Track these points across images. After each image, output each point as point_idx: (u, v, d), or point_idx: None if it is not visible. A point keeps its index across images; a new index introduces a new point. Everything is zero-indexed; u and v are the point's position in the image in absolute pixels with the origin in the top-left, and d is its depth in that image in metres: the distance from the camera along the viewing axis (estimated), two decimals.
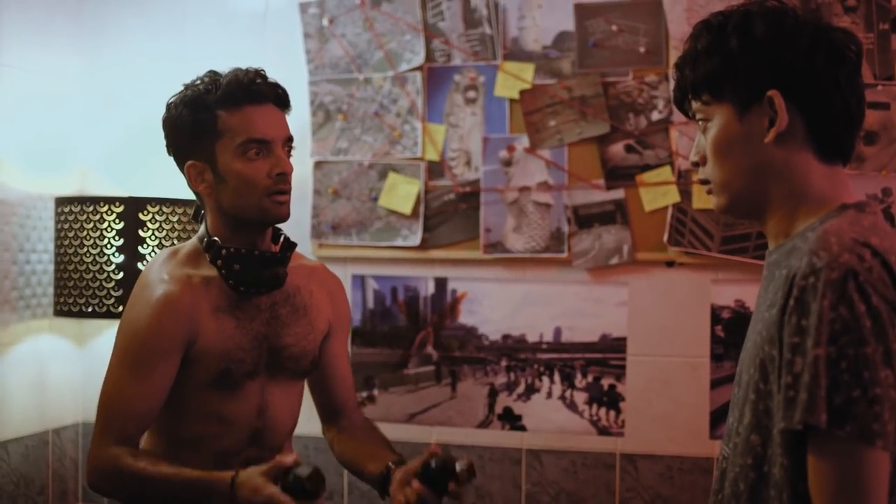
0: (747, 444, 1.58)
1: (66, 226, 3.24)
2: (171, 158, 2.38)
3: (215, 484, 2.09)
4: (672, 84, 1.74)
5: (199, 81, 2.31)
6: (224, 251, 2.25)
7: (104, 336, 3.61)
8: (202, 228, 2.34)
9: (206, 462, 2.22)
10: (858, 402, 1.41)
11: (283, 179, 2.23)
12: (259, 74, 2.28)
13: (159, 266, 2.32)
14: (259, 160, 2.22)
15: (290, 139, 2.29)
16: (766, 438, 1.55)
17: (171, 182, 3.48)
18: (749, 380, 1.59)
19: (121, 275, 3.19)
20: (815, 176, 1.62)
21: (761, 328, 1.57)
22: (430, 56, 3.35)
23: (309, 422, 2.64)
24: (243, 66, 2.33)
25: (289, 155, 2.28)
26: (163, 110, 2.36)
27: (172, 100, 2.32)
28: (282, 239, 2.37)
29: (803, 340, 1.45)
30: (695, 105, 1.69)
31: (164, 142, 3.65)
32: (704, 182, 1.72)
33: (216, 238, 2.27)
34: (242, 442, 2.32)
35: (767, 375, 1.53)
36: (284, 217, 2.27)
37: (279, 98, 2.30)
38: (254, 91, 2.25)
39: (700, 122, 1.69)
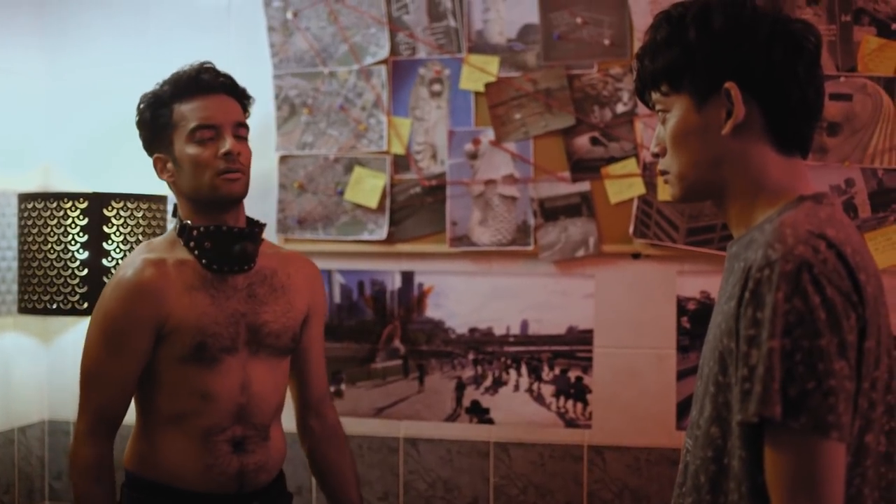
0: (708, 437, 1.58)
1: (30, 222, 3.21)
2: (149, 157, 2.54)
3: None
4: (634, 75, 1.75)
5: (160, 82, 2.51)
6: (195, 231, 2.41)
7: (69, 333, 3.59)
8: (176, 218, 2.49)
9: (193, 440, 2.39)
10: (813, 393, 1.41)
11: (231, 158, 2.37)
12: (204, 67, 2.46)
13: (136, 252, 2.48)
14: (209, 144, 2.39)
15: (239, 124, 2.44)
16: (725, 431, 1.55)
17: (135, 178, 3.48)
18: (709, 372, 1.59)
19: (85, 271, 3.17)
20: (773, 168, 1.62)
21: (720, 321, 1.56)
22: (394, 49, 3.34)
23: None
24: (207, 60, 2.50)
25: (239, 138, 2.43)
26: (127, 106, 2.53)
27: (140, 103, 2.51)
28: (250, 221, 2.53)
29: (758, 333, 1.45)
30: (654, 96, 1.70)
31: (127, 138, 3.65)
32: (664, 172, 1.72)
33: (188, 221, 2.43)
34: (228, 418, 2.41)
35: (726, 368, 1.53)
36: (237, 194, 2.41)
37: (227, 87, 2.46)
38: (201, 82, 2.43)
39: (660, 113, 1.70)
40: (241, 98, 2.50)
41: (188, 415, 2.39)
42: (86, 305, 3.17)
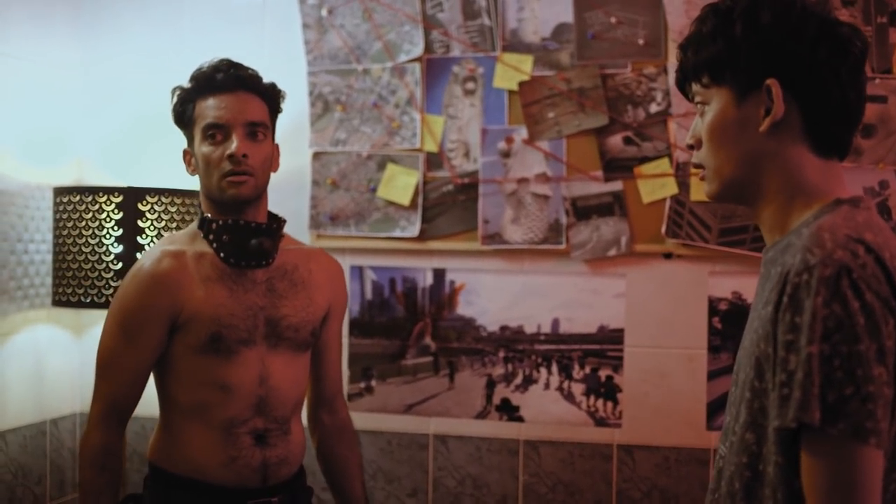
0: (743, 443, 1.57)
1: (65, 216, 3.24)
2: None
3: None
4: (672, 71, 1.73)
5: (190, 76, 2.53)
6: (214, 224, 2.44)
7: (102, 327, 3.60)
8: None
9: (215, 432, 2.41)
10: (852, 399, 1.39)
11: (234, 161, 2.38)
12: (222, 64, 2.47)
13: (156, 245, 2.52)
14: (219, 144, 2.41)
15: (254, 123, 2.43)
16: (760, 437, 1.54)
17: (167, 172, 3.51)
18: (745, 378, 1.57)
19: (119, 265, 3.19)
20: (809, 169, 1.61)
21: (757, 326, 1.55)
22: (428, 47, 3.35)
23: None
24: (241, 56, 2.53)
25: (253, 138, 2.43)
26: (159, 100, 2.56)
27: (171, 96, 2.56)
28: (271, 216, 2.56)
29: (797, 338, 1.44)
30: (695, 87, 1.68)
31: (160, 132, 3.68)
32: (698, 166, 1.71)
33: (207, 215, 2.47)
34: (247, 410, 2.43)
35: (763, 373, 1.52)
36: (243, 196, 2.42)
37: (246, 84, 2.46)
38: (215, 80, 2.44)
39: (699, 105, 1.69)
40: (265, 95, 2.50)
41: (208, 406, 2.42)
42: None
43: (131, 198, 3.19)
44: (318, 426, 2.73)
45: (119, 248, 3.19)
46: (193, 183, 3.44)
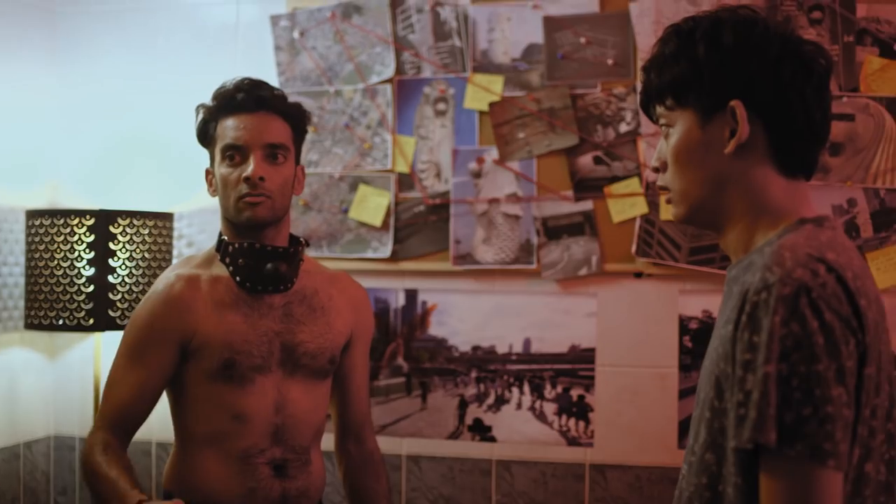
0: (702, 463, 1.54)
1: (37, 238, 3.24)
2: None
3: (122, 497, 2.15)
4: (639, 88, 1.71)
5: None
6: (230, 247, 2.38)
7: (76, 349, 3.61)
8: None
9: (232, 462, 2.35)
10: (809, 420, 1.37)
11: (250, 184, 2.32)
12: (243, 84, 2.41)
13: (172, 266, 2.48)
14: (237, 165, 2.35)
15: (271, 145, 2.37)
16: (720, 457, 1.51)
17: (144, 194, 3.52)
18: (705, 397, 1.55)
19: (91, 288, 3.19)
20: (775, 189, 1.59)
21: (718, 344, 1.53)
22: (400, 68, 3.37)
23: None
24: (214, 78, 2.47)
25: (273, 160, 2.37)
26: (136, 122, 2.50)
27: (196, 113, 2.48)
28: (292, 240, 2.50)
29: (754, 357, 1.41)
30: (659, 110, 1.66)
31: (136, 154, 3.68)
32: (664, 189, 1.68)
33: (225, 237, 2.41)
34: (264, 440, 2.37)
35: (722, 393, 1.50)
36: (257, 219, 2.35)
37: (268, 105, 2.40)
38: (234, 100, 2.38)
39: (663, 128, 1.66)
40: (288, 116, 2.43)
41: (223, 436, 2.36)
42: (91, 322, 3.20)
43: (103, 220, 3.20)
44: (344, 456, 2.64)
45: (91, 271, 3.20)
46: (166, 205, 3.49)
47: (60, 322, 3.22)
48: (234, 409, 2.35)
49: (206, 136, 2.43)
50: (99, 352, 3.32)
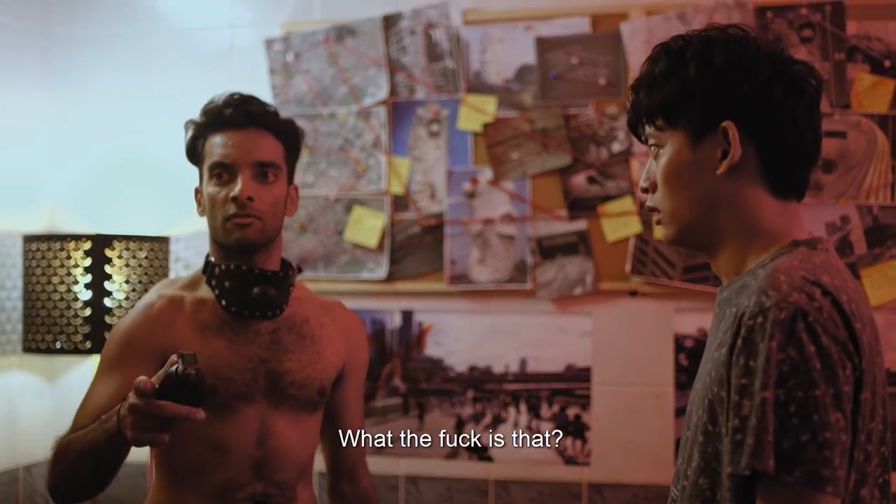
0: (696, 488, 1.52)
1: (35, 263, 3.26)
2: None
3: (109, 419, 1.98)
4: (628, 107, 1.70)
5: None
6: (217, 269, 2.27)
7: (74, 372, 3.62)
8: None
9: (208, 498, 2.21)
10: (807, 446, 1.36)
11: (238, 204, 2.21)
12: (232, 99, 2.30)
13: (155, 288, 2.36)
14: (225, 185, 2.24)
15: (260, 163, 2.25)
16: (714, 482, 1.49)
17: (140, 217, 3.54)
18: (698, 421, 1.53)
19: (88, 311, 3.20)
20: (767, 211, 1.57)
21: (711, 368, 1.51)
22: (393, 90, 3.38)
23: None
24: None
25: (263, 178, 2.26)
26: (130, 145, 2.35)
27: (185, 129, 2.37)
28: (284, 264, 2.37)
29: (751, 382, 1.39)
30: (648, 130, 1.64)
31: (132, 177, 3.68)
32: (653, 210, 1.67)
33: (212, 259, 2.30)
34: (244, 474, 2.23)
35: (716, 417, 1.48)
36: (245, 241, 2.23)
37: (258, 121, 2.28)
38: (222, 116, 2.27)
39: (652, 148, 1.64)
40: (280, 133, 2.31)
41: (201, 469, 2.23)
42: (89, 345, 3.20)
43: (99, 244, 3.22)
44: (336, 497, 2.51)
45: (88, 295, 3.21)
46: (163, 229, 3.50)
47: (58, 345, 3.23)
48: (213, 440, 2.22)
49: (194, 153, 2.31)
50: None
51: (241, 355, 2.25)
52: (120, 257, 3.23)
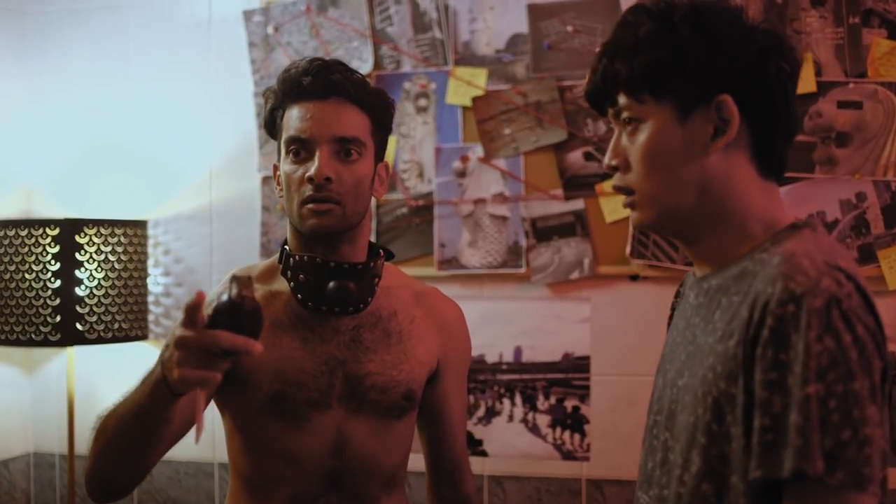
0: (697, 494, 1.38)
1: (3, 250, 3.11)
2: None
3: (152, 371, 1.74)
4: (597, 76, 1.50)
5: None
6: (292, 260, 2.01)
7: (54, 363, 3.49)
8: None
9: None
10: (849, 444, 1.25)
11: (314, 185, 1.94)
12: (311, 67, 1.99)
13: (227, 277, 2.05)
14: (302, 163, 1.97)
15: (342, 139, 1.96)
16: (721, 488, 1.36)
17: (119, 201, 3.38)
18: (694, 421, 1.40)
19: (57, 301, 3.05)
20: (755, 192, 1.46)
21: (713, 363, 1.38)
22: (378, 63, 3.20)
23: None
24: (187, 79, 2.11)
25: (346, 157, 1.96)
26: (108, 128, 2.09)
27: (263, 98, 2.11)
28: (372, 252, 2.10)
29: (783, 377, 1.27)
30: (623, 101, 1.47)
31: (110, 160, 3.51)
32: (621, 190, 1.51)
33: (287, 247, 2.05)
34: (318, 486, 2.00)
35: (723, 416, 1.35)
36: (322, 229, 1.96)
37: (341, 91, 1.99)
38: (302, 85, 1.99)
39: (626, 123, 1.47)
40: (366, 105, 2.01)
41: (272, 481, 2.00)
42: (59, 336, 3.06)
43: (68, 230, 3.07)
44: (437, 501, 2.26)
45: (57, 283, 3.06)
46: (142, 212, 3.34)
47: (26, 337, 3.09)
48: (281, 451, 1.99)
49: (272, 126, 2.04)
50: (72, 367, 3.19)
51: (315, 356, 2.00)
52: (91, 243, 3.08)
